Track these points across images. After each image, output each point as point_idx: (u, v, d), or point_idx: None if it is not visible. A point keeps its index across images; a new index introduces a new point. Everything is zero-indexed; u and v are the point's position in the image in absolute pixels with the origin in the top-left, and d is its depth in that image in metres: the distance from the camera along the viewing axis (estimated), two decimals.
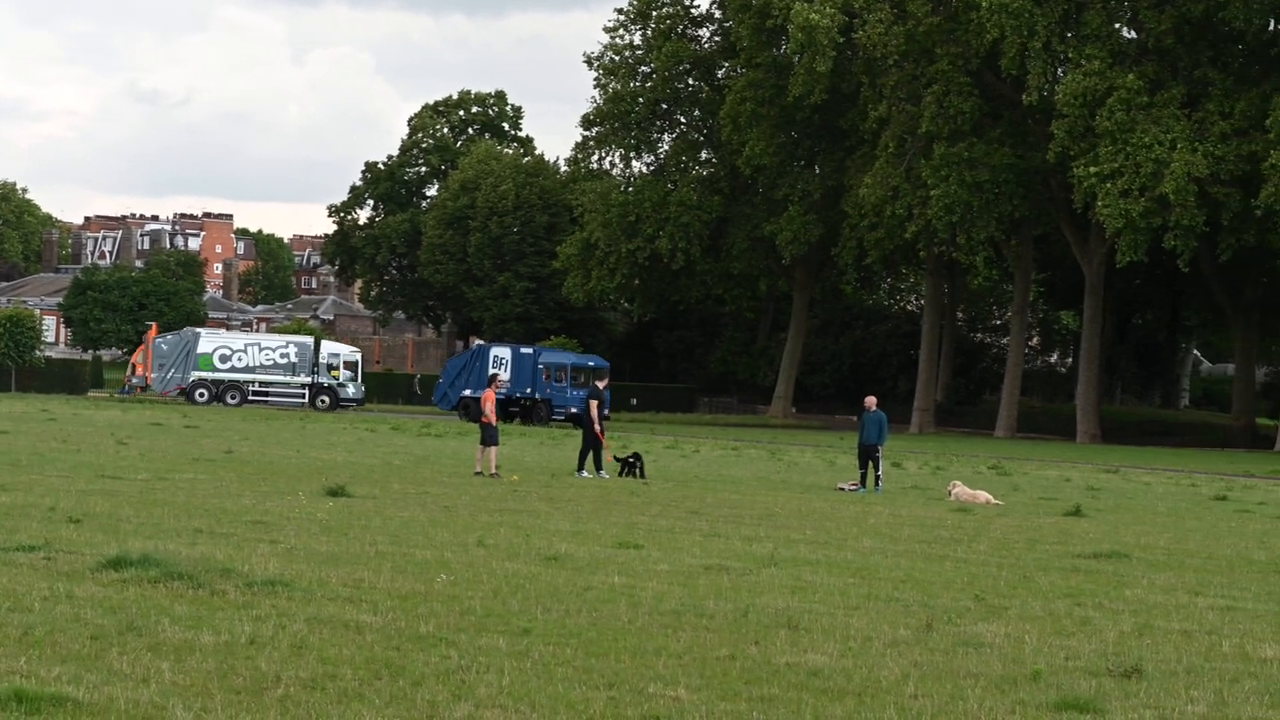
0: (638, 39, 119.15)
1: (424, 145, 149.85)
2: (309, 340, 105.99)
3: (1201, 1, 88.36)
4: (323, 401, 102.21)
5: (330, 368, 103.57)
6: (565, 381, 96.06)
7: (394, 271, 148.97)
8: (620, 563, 21.97)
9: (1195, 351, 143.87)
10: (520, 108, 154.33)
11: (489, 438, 40.93)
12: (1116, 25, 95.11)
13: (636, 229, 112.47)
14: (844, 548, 25.90)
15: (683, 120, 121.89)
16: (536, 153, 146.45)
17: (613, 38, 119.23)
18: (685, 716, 12.47)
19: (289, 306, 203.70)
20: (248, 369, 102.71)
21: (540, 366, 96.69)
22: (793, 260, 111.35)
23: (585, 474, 42.54)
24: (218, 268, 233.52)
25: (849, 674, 14.35)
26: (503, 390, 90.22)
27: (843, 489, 42.76)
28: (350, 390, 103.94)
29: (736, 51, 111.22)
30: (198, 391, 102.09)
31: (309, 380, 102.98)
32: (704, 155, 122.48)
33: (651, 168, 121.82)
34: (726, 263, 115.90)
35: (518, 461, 46.89)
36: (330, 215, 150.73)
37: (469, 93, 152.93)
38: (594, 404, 43.50)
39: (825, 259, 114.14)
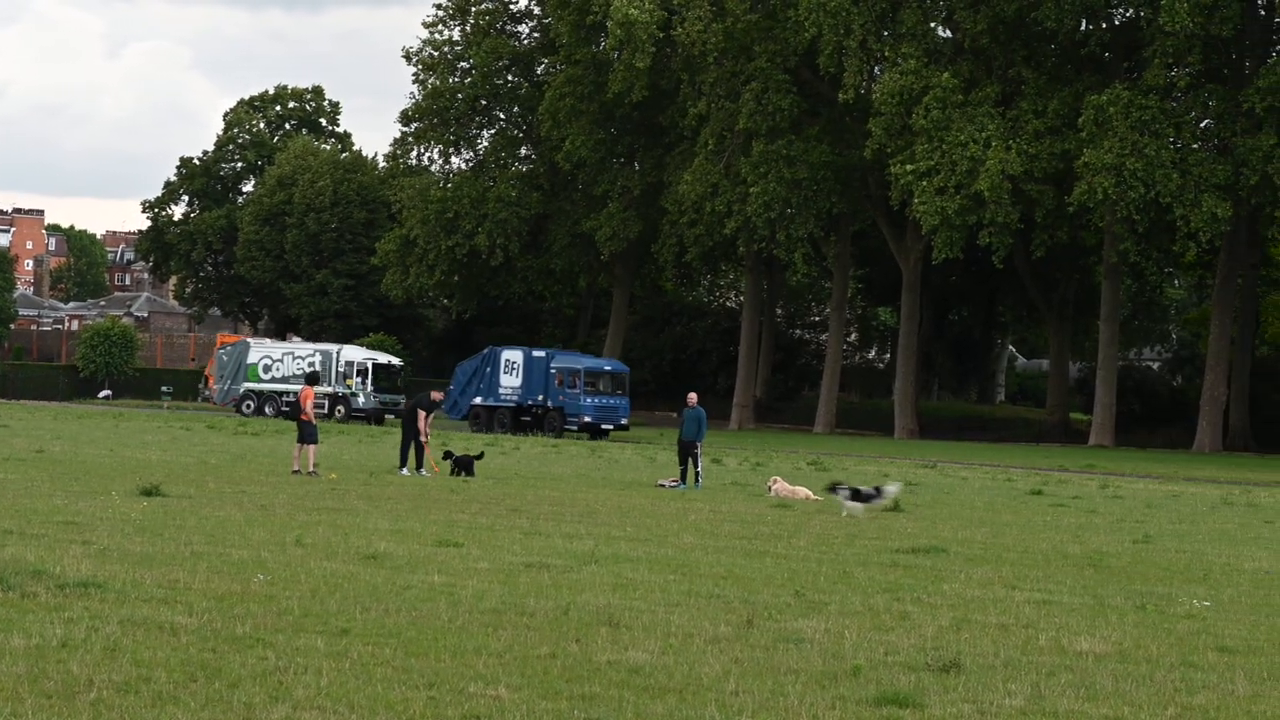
0: (457, 35, 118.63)
1: (240, 141, 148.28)
2: (333, 348, 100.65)
3: (1014, 1, 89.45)
4: (339, 412, 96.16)
5: (345, 376, 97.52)
6: (579, 388, 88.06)
7: (209, 268, 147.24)
8: (440, 561, 21.86)
9: (1010, 347, 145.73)
10: (338, 103, 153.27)
11: (307, 436, 40.56)
12: (932, 24, 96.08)
13: (455, 225, 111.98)
14: (665, 544, 25.91)
15: (502, 116, 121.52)
16: (355, 149, 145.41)
17: (432, 33, 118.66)
18: (506, 715, 12.38)
19: (101, 303, 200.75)
20: (284, 379, 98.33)
21: (553, 371, 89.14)
22: (612, 256, 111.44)
23: (405, 471, 42.29)
24: (28, 264, 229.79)
25: (670, 671, 14.32)
26: (517, 396, 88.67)
27: (663, 486, 42.82)
28: (360, 400, 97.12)
29: (556, 48, 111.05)
30: (245, 403, 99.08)
31: (329, 390, 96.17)
32: (523, 151, 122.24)
33: (470, 164, 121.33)
34: (546, 259, 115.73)
35: (336, 460, 46.50)
36: (144, 211, 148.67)
37: (286, 88, 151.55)
38: (423, 415, 43.13)
39: (645, 255, 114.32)
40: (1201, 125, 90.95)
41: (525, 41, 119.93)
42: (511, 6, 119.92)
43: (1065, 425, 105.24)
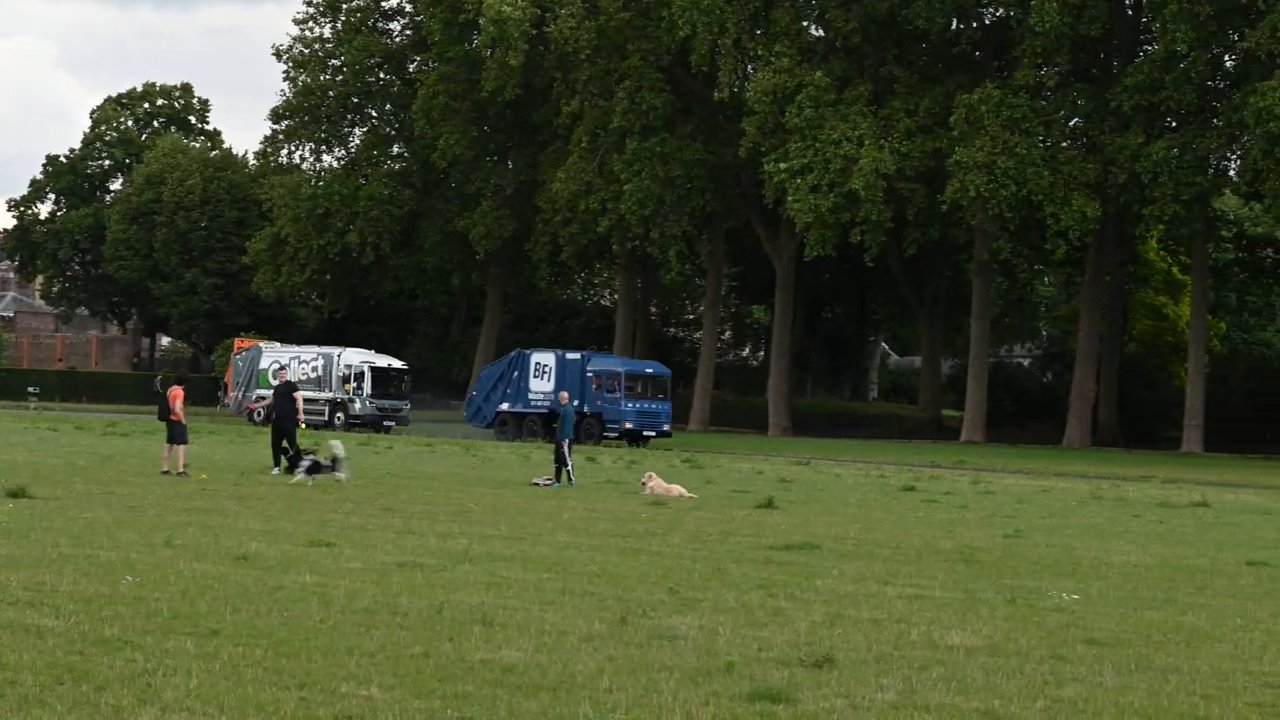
0: (328, 32, 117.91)
1: (108, 138, 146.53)
2: (333, 351, 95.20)
3: (886, 0, 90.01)
4: (338, 419, 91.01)
5: (344, 380, 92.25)
6: (619, 392, 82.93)
7: (77, 267, 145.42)
8: (312, 561, 21.71)
9: (883, 345, 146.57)
10: (207, 101, 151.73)
11: (176, 436, 40.18)
12: (805, 23, 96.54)
13: (327, 223, 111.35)
14: (539, 543, 25.87)
15: (374, 114, 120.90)
16: (225, 146, 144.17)
17: (302, 30, 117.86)
18: (378, 715, 12.31)
19: None
20: None
21: (589, 375, 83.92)
22: (486, 255, 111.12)
23: (275, 470, 41.96)
24: None
25: (544, 669, 14.29)
26: (549, 401, 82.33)
27: (537, 484, 42.74)
28: (357, 406, 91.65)
29: (428, 45, 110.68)
30: (255, 412, 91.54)
31: (330, 396, 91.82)
32: (396, 149, 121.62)
33: (342, 162, 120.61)
34: (419, 257, 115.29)
35: (206, 460, 46.09)
36: (10, 209, 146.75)
37: (154, 85, 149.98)
38: (299, 396, 43.00)
39: (519, 254, 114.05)
40: (1071, 124, 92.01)
41: (397, 39, 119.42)
42: (383, 4, 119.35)
43: (937, 422, 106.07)
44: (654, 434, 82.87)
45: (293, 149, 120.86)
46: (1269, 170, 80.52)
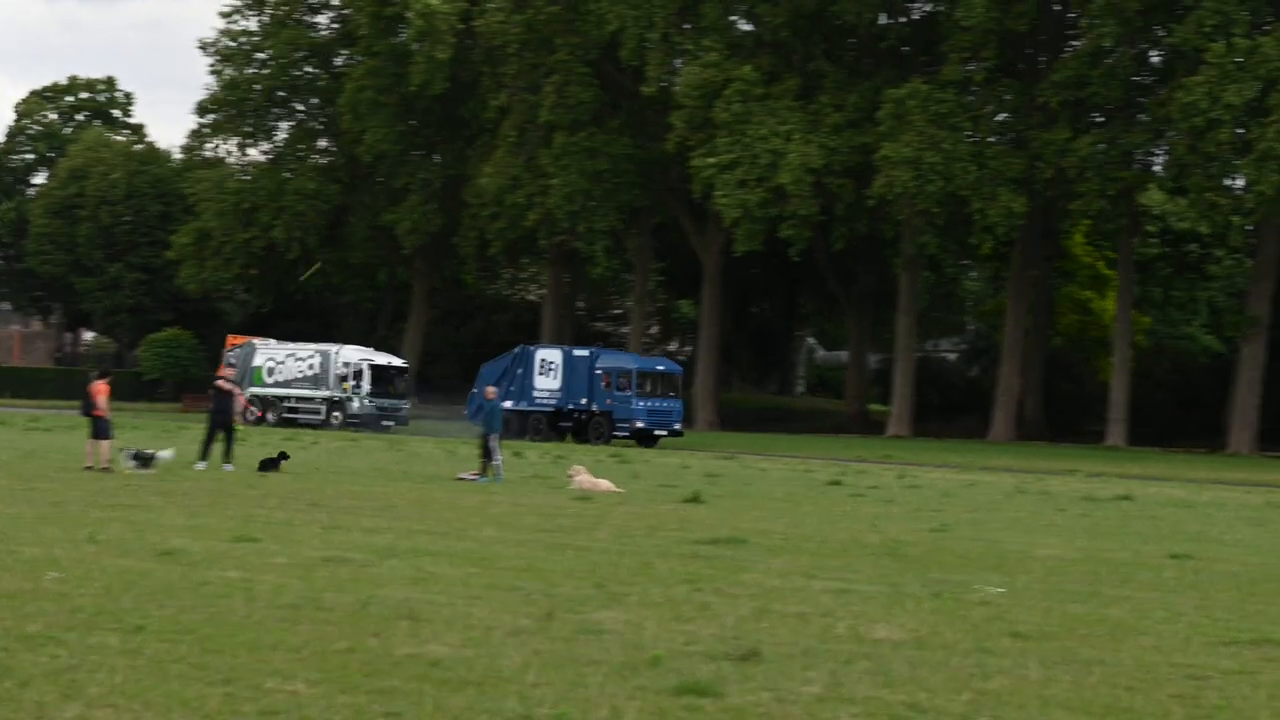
0: (254, 25, 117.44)
1: (30, 132, 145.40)
2: (331, 348, 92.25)
3: None
4: (335, 418, 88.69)
5: (342, 378, 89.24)
6: (630, 389, 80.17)
7: (0, 261, 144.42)
8: (237, 556, 21.58)
9: (810, 339, 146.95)
10: (132, 94, 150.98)
11: (100, 431, 39.93)
12: (733, 18, 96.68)
13: (252, 218, 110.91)
14: (465, 538, 25.79)
15: (300, 108, 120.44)
16: (149, 140, 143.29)
17: (228, 23, 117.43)
18: (303, 711, 12.23)
19: None
20: (285, 383, 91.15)
21: (598, 372, 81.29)
22: (413, 250, 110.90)
23: (229, 466, 41.77)
24: None
25: (470, 664, 14.24)
26: (555, 399, 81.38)
27: (463, 479, 42.63)
28: (355, 405, 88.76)
29: (355, 39, 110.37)
30: (249, 410, 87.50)
31: (327, 394, 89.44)
32: (322, 144, 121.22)
33: (268, 156, 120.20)
34: (345, 252, 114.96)
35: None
36: None
37: (78, 78, 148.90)
38: (240, 397, 42.80)
39: (446, 248, 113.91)
40: (998, 119, 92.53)
41: (324, 33, 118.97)
42: None
43: (864, 416, 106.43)
44: (665, 433, 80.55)
45: (218, 143, 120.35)
46: (1194, 165, 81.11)
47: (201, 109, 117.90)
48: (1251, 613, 20.03)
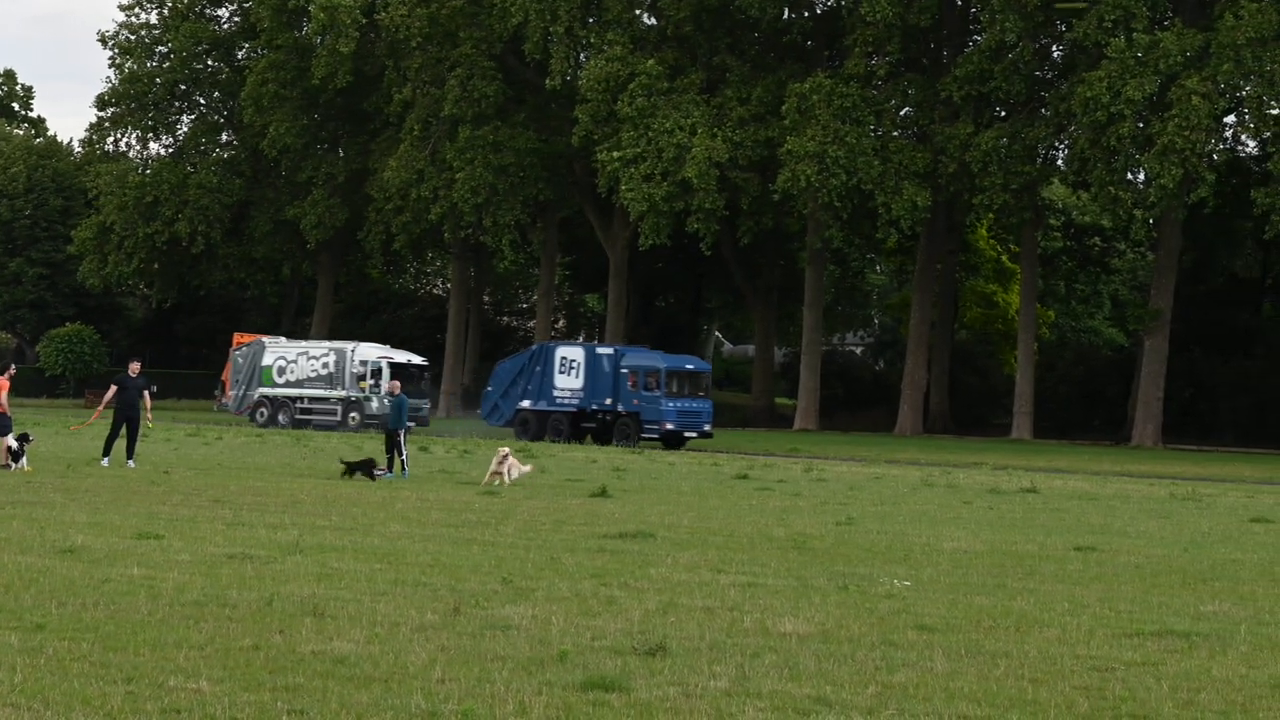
0: (154, 18, 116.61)
1: None
2: (347, 346, 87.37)
3: None
4: (353, 419, 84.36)
5: (359, 378, 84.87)
6: (659, 389, 75.55)
7: None
8: (140, 554, 21.41)
9: (717, 333, 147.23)
10: (31, 88, 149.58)
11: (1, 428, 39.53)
12: (637, 11, 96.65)
13: (155, 212, 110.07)
14: (371, 533, 25.69)
15: (202, 102, 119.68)
16: (50, 134, 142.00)
17: (129, 16, 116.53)
18: (207, 709, 12.15)
19: None
20: (297, 383, 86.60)
21: (624, 371, 76.79)
22: (318, 244, 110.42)
23: (132, 464, 41.40)
24: None
25: (375, 660, 14.18)
26: (577, 399, 77.25)
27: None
28: (374, 405, 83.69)
29: (257, 32, 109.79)
30: (258, 411, 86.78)
31: (344, 394, 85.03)
32: (225, 137, 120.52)
33: (170, 150, 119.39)
34: (249, 247, 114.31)
35: (31, 452, 45.33)
36: None
37: None
38: (148, 393, 42.41)
39: (351, 243, 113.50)
40: (901, 113, 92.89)
41: (225, 26, 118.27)
42: None
43: (770, 410, 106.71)
44: (695, 434, 76.54)
45: (119, 136, 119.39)
46: (1096, 160, 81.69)
47: (101, 102, 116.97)
48: (1155, 604, 20.19)
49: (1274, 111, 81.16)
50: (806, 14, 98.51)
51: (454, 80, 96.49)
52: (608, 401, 77.00)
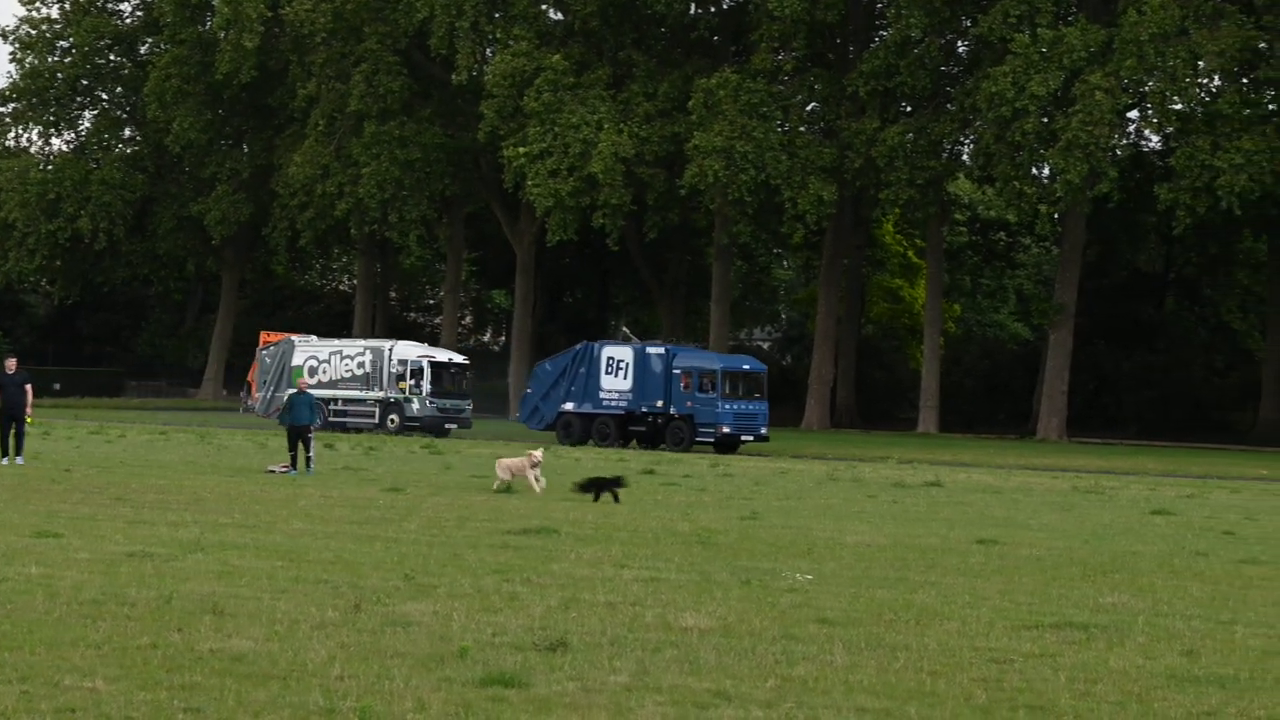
0: (55, 13, 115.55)
1: None
2: (384, 345, 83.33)
3: None
4: (392, 421, 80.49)
5: (398, 378, 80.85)
6: (715, 391, 71.83)
7: None
8: (38, 552, 21.23)
9: (624, 329, 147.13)
10: None
11: None
12: (543, 6, 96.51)
13: (56, 209, 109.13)
14: (273, 531, 25.58)
15: (105, 97, 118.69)
16: None
17: (29, 10, 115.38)
18: (102, 708, 12.06)
19: None
20: (331, 383, 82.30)
21: (677, 372, 73.00)
22: (222, 240, 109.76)
23: (20, 460, 41.02)
24: None
25: (274, 658, 14.12)
26: (625, 401, 73.52)
27: (273, 471, 42.24)
28: (415, 406, 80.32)
29: (160, 27, 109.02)
30: (282, 414, 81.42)
31: (381, 395, 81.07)
32: (128, 133, 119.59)
33: (72, 145, 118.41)
34: (152, 243, 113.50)
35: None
36: None
37: None
38: (29, 388, 41.98)
39: (256, 239, 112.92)
40: (808, 109, 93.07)
41: (128, 20, 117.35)
42: None
43: None
44: (752, 438, 72.83)
45: (20, 132, 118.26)
46: (1001, 154, 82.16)
47: (2, 98, 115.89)
48: (1054, 596, 20.33)
49: (1177, 107, 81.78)
50: (713, 9, 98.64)
51: (359, 75, 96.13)
52: (659, 404, 73.36)
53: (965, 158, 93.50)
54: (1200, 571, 24.06)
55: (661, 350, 74.92)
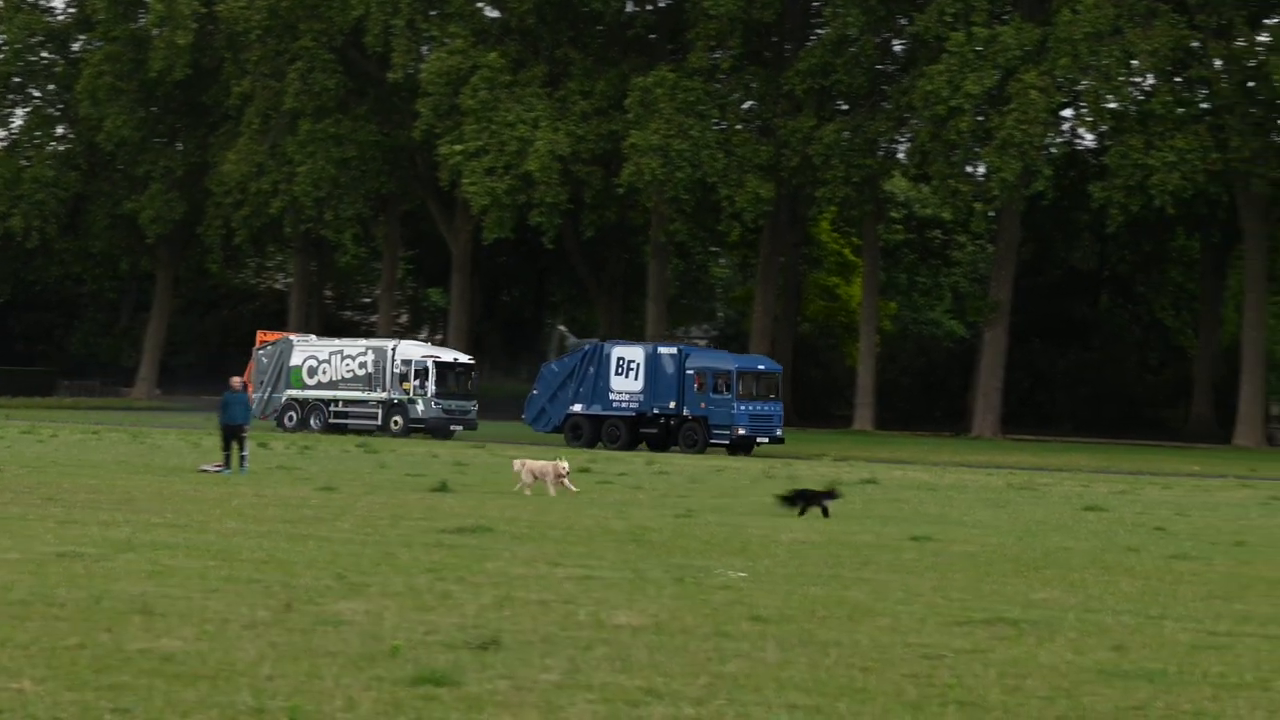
0: None
1: None
2: (387, 344, 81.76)
3: None
4: (396, 423, 78.80)
5: (402, 378, 78.99)
6: (729, 392, 70.36)
7: None
8: None
9: (561, 327, 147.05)
10: None
11: None
12: (479, 4, 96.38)
13: None
14: (205, 530, 25.47)
15: (37, 94, 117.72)
16: None
17: None
18: (29, 709, 11.96)
19: None
20: (331, 384, 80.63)
21: (690, 373, 71.51)
22: (156, 239, 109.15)
23: None
24: None
25: (204, 657, 14.04)
26: (636, 402, 71.99)
27: (206, 471, 42.05)
28: (419, 408, 78.75)
29: (93, 24, 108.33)
30: (287, 414, 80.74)
31: (384, 396, 79.21)
32: (60, 130, 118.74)
33: (3, 143, 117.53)
34: (86, 241, 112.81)
35: None
36: None
37: None
38: None
39: (190, 237, 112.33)
40: (745, 107, 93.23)
41: (60, 17, 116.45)
42: None
43: None
44: (767, 439, 71.51)
45: None
46: (936, 153, 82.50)
47: None
48: (986, 593, 20.41)
49: (1111, 105, 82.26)
50: (649, 8, 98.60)
51: (294, 73, 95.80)
52: (671, 405, 71.72)
53: (901, 156, 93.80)
54: (1131, 567, 24.20)
55: (674, 350, 74.10)
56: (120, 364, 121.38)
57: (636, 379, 72.43)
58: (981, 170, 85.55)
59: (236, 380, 45.45)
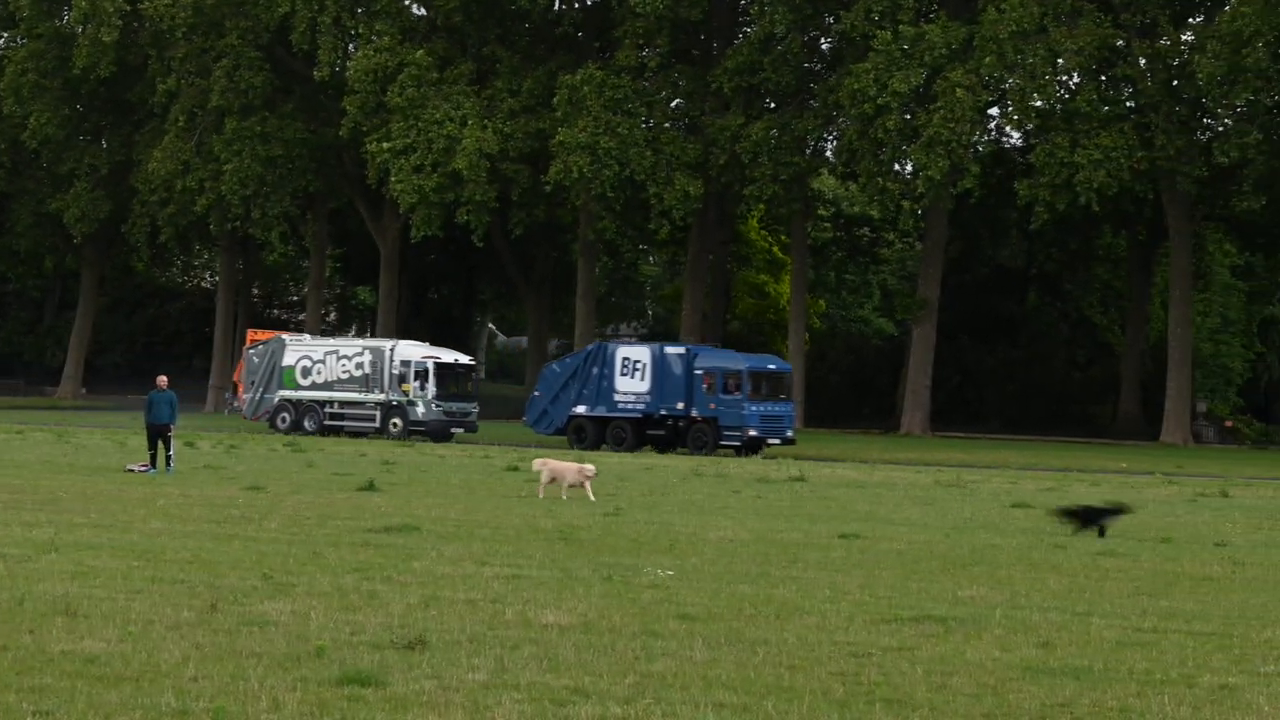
0: None
1: None
2: (385, 345, 79.75)
3: None
4: (395, 425, 76.60)
5: (401, 379, 77.01)
6: (740, 393, 68.77)
7: None
8: None
9: (490, 325, 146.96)
10: None
11: None
12: (406, 2, 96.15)
13: None
14: (130, 530, 25.32)
15: None
16: None
17: None
18: None
19: None
20: (326, 385, 78.57)
21: (698, 373, 69.89)
22: (82, 237, 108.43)
23: None
24: None
25: (127, 659, 13.96)
26: (643, 404, 70.47)
27: (132, 470, 41.80)
28: (419, 410, 76.79)
29: (16, 21, 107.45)
30: (280, 416, 78.83)
31: (382, 398, 77.14)
32: None
33: None
34: (10, 240, 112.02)
35: None
36: None
37: None
38: None
39: (116, 235, 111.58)
40: (673, 105, 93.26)
41: None
42: None
43: None
44: (778, 441, 69.84)
45: None
46: (864, 151, 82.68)
47: None
48: (914, 590, 20.47)
49: (1036, 104, 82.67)
50: (577, 5, 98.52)
51: (220, 71, 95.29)
52: (679, 406, 70.13)
53: (829, 154, 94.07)
54: (1058, 564, 24.31)
55: (681, 350, 72.72)
56: (45, 363, 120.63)
57: (643, 380, 70.94)
58: (909, 168, 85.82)
59: (162, 379, 45.15)
